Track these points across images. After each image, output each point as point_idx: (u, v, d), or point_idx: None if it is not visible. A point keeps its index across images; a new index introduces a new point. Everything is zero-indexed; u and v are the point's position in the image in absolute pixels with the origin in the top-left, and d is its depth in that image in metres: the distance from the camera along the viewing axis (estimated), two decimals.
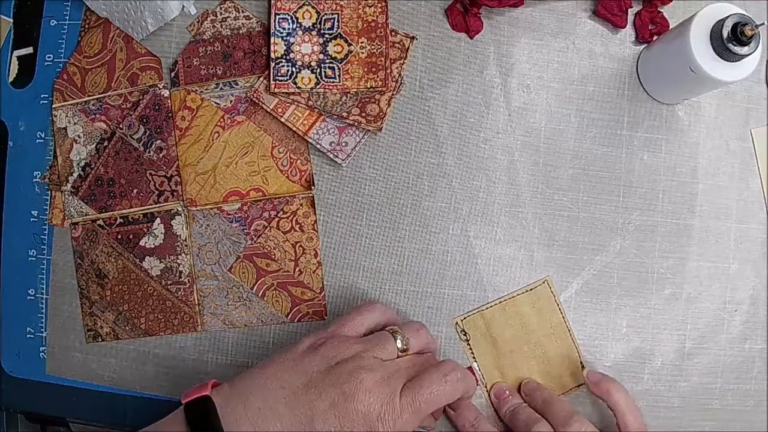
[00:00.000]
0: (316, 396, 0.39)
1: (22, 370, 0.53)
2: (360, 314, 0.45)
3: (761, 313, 0.52)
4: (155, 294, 0.52)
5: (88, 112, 0.52)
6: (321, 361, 0.40)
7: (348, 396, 0.39)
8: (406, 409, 0.40)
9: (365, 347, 0.42)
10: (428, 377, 0.41)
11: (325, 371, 0.40)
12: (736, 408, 0.52)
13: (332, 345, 0.42)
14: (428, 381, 0.41)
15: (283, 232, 0.51)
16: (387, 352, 0.42)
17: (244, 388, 0.40)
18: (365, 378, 0.39)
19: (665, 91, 0.52)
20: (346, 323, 0.44)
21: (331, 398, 0.39)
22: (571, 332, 0.51)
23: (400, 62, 0.51)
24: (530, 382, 0.50)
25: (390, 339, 0.43)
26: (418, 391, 0.41)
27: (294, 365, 0.41)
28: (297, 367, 0.41)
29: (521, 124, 0.52)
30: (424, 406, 0.41)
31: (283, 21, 0.51)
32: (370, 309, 0.46)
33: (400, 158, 0.52)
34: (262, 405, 0.39)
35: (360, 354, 0.41)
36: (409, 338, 0.44)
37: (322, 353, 0.41)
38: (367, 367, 0.40)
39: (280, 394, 0.39)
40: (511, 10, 0.52)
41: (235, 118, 0.52)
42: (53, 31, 0.53)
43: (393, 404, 0.40)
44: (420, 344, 0.45)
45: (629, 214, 0.52)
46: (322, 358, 0.41)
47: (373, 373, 0.40)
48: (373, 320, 0.45)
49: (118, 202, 0.52)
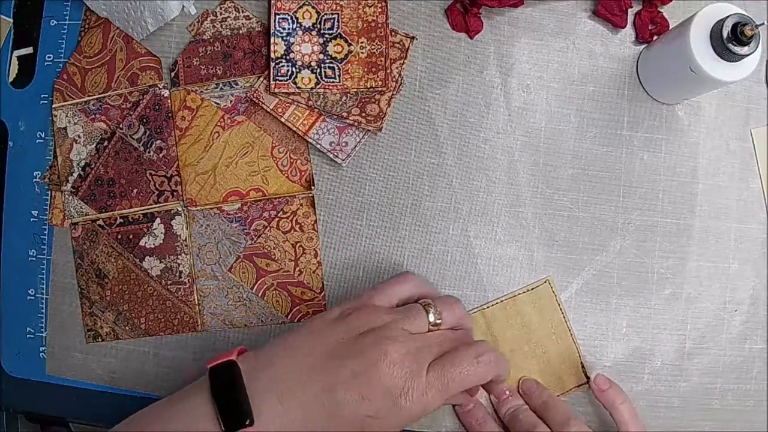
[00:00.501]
0: (339, 364, 0.38)
1: (22, 370, 0.53)
2: (393, 285, 0.44)
3: (761, 313, 0.52)
4: (155, 294, 0.52)
5: (88, 112, 0.52)
6: (348, 330, 0.40)
7: (371, 367, 0.38)
8: (432, 386, 0.39)
9: (395, 318, 0.41)
10: (459, 355, 0.40)
11: (350, 340, 0.39)
12: (736, 408, 0.52)
13: (361, 314, 0.41)
14: (459, 359, 0.40)
15: (283, 232, 0.51)
16: (417, 325, 0.41)
17: (269, 355, 0.40)
18: (390, 349, 0.38)
19: (665, 91, 0.52)
20: (378, 293, 0.43)
21: (354, 368, 0.38)
22: (571, 332, 0.51)
23: (400, 62, 0.51)
24: (528, 380, 0.49)
25: (421, 312, 0.42)
26: (447, 368, 0.39)
27: (321, 333, 0.40)
28: (323, 334, 0.40)
29: (521, 124, 0.52)
30: (452, 384, 0.39)
31: (283, 21, 0.51)
32: (404, 280, 0.44)
33: (400, 158, 0.52)
34: (285, 372, 0.38)
35: (388, 325, 0.40)
36: (441, 312, 0.42)
37: (349, 322, 0.40)
38: (394, 338, 0.39)
39: (304, 361, 0.39)
40: (511, 10, 0.52)
41: (235, 118, 0.52)
42: (53, 31, 0.53)
43: (418, 380, 0.38)
44: (453, 320, 0.43)
45: (629, 214, 0.52)
46: (349, 327, 0.40)
47: (399, 344, 0.39)
48: (406, 291, 0.44)
49: (118, 202, 0.52)
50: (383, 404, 0.38)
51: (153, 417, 0.40)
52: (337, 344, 0.39)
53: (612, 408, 0.46)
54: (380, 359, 0.38)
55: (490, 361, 0.41)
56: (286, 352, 0.40)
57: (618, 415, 0.46)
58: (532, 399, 0.48)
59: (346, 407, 0.38)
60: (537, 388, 0.49)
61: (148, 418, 0.40)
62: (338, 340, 0.39)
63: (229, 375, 0.38)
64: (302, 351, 0.39)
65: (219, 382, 0.38)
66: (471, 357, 0.40)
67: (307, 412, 0.38)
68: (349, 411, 0.38)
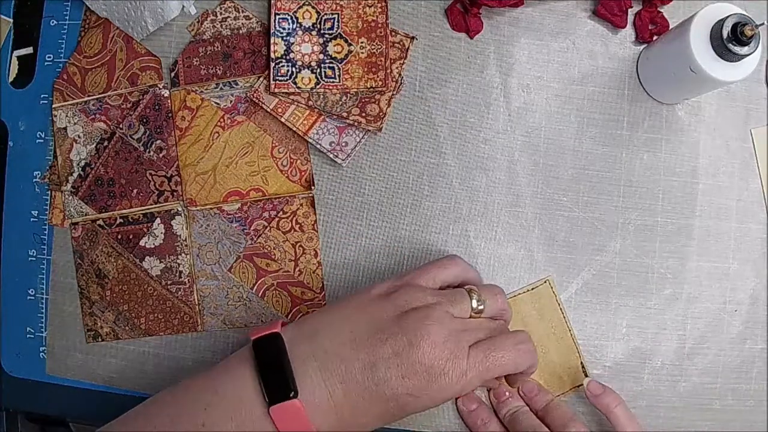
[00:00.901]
0: (381, 342, 0.39)
1: (22, 370, 0.53)
2: (438, 267, 0.44)
3: (761, 313, 0.52)
4: (155, 294, 0.52)
5: (88, 112, 0.52)
6: (391, 308, 0.40)
7: (413, 346, 0.38)
8: (472, 369, 0.40)
9: (438, 300, 0.41)
10: (501, 341, 0.41)
11: (393, 318, 0.39)
12: (736, 408, 0.52)
13: (405, 292, 0.41)
14: (500, 345, 0.41)
15: (283, 232, 0.51)
16: (460, 310, 0.41)
17: (313, 329, 0.40)
18: (433, 331, 0.39)
19: (665, 91, 0.52)
20: (423, 273, 0.43)
21: (396, 346, 0.38)
22: (571, 332, 0.51)
23: (400, 62, 0.51)
24: (529, 382, 0.49)
25: (466, 297, 0.42)
26: (488, 353, 0.40)
27: (364, 309, 0.41)
28: (367, 311, 0.40)
29: (521, 124, 0.52)
30: (492, 369, 0.40)
31: (283, 21, 0.51)
32: (450, 263, 0.44)
33: (400, 158, 0.52)
34: (329, 346, 0.39)
35: (432, 306, 0.40)
36: (485, 300, 0.43)
37: (393, 300, 0.40)
38: (437, 319, 0.39)
39: (347, 336, 0.39)
40: (511, 10, 0.52)
41: (235, 118, 0.52)
42: (53, 31, 0.53)
43: (459, 362, 0.39)
44: (495, 309, 0.44)
45: (629, 214, 0.52)
46: (393, 305, 0.40)
47: (441, 326, 0.39)
48: (450, 275, 0.44)
49: (118, 202, 0.52)
50: (422, 384, 0.39)
51: (196, 387, 0.40)
52: (381, 321, 0.39)
53: (608, 412, 0.46)
54: (422, 339, 0.38)
55: (529, 350, 0.42)
56: (329, 326, 0.40)
57: (614, 418, 0.46)
58: (533, 401, 0.48)
59: (386, 384, 0.38)
60: (538, 390, 0.49)
61: (191, 389, 0.40)
62: (382, 317, 0.40)
63: (275, 347, 0.39)
64: (346, 326, 0.40)
65: (263, 353, 0.39)
66: (512, 344, 0.41)
67: (347, 386, 0.38)
68: (388, 388, 0.38)
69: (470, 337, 0.41)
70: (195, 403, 0.39)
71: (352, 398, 0.39)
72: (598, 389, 0.47)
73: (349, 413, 0.39)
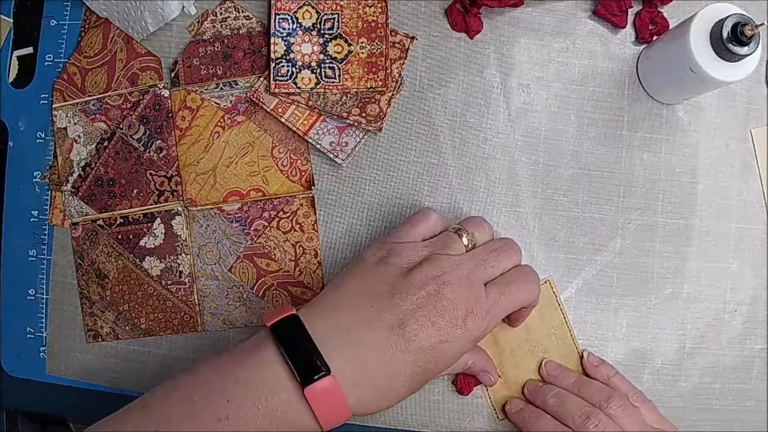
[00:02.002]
0: (401, 300, 0.39)
1: (22, 370, 0.53)
2: (415, 223, 0.44)
3: (761, 313, 0.52)
4: (155, 294, 0.52)
5: (88, 112, 0.52)
6: (396, 269, 0.40)
7: (434, 295, 0.39)
8: (494, 306, 0.41)
9: (433, 249, 0.42)
10: (512, 276, 0.42)
11: (401, 277, 0.40)
12: (736, 408, 0.52)
13: (399, 253, 0.41)
14: (515, 280, 0.42)
15: (283, 232, 0.51)
16: (456, 250, 0.42)
17: (328, 304, 0.40)
18: (446, 276, 0.40)
19: (665, 91, 0.52)
20: (402, 233, 0.44)
21: (417, 300, 0.39)
22: (571, 332, 0.51)
23: (400, 62, 0.51)
24: (551, 362, 0.50)
25: (456, 238, 0.43)
26: (503, 288, 0.41)
27: (371, 276, 0.41)
28: (375, 278, 0.41)
29: (521, 124, 0.52)
30: (511, 302, 0.42)
31: (283, 21, 0.51)
32: (425, 217, 0.45)
33: (400, 158, 0.52)
34: (349, 317, 0.39)
35: (432, 255, 0.41)
36: (473, 233, 0.44)
37: (393, 262, 0.41)
38: (443, 265, 0.40)
39: (366, 303, 0.39)
40: (511, 10, 0.52)
41: (235, 118, 0.52)
42: (53, 31, 0.53)
43: (481, 300, 0.40)
44: (486, 238, 0.45)
45: (629, 214, 0.52)
46: (395, 267, 0.41)
47: (453, 270, 0.40)
48: (429, 228, 0.44)
49: (118, 202, 0.52)
50: (452, 328, 0.39)
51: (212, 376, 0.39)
52: (391, 282, 0.40)
53: (607, 382, 0.48)
54: (441, 286, 0.39)
55: (536, 281, 0.44)
56: (344, 297, 0.40)
57: (613, 386, 0.48)
58: (559, 380, 0.49)
59: (419, 337, 0.39)
60: (560, 369, 0.50)
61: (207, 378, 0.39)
62: (390, 278, 0.40)
63: (296, 328, 0.38)
64: (358, 295, 0.40)
65: (285, 335, 0.38)
66: (522, 277, 0.43)
67: (380, 351, 0.38)
68: (422, 340, 0.39)
69: (484, 272, 0.41)
70: (212, 394, 0.38)
71: (386, 362, 0.38)
72: (597, 361, 0.50)
73: (385, 380, 0.39)
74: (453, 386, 0.50)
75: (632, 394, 0.47)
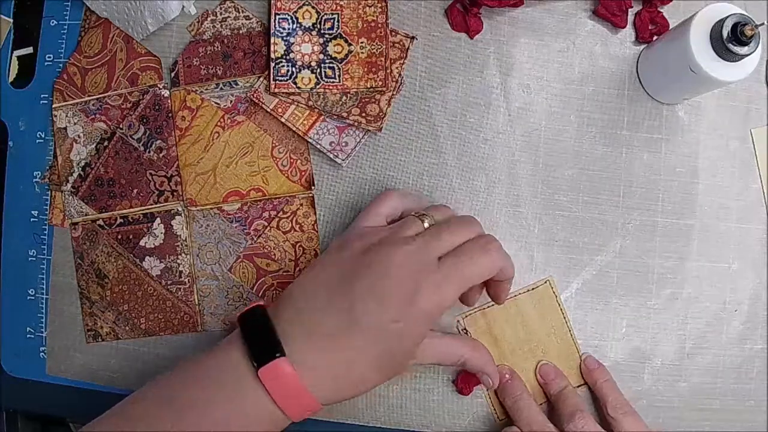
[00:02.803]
0: (350, 283, 0.39)
1: (22, 370, 0.53)
2: (375, 205, 0.45)
3: (761, 313, 0.52)
4: (155, 294, 0.52)
5: (88, 112, 0.52)
6: (349, 253, 0.41)
7: (380, 275, 0.39)
8: (446, 278, 0.39)
9: (392, 231, 0.42)
10: (468, 246, 0.41)
11: (356, 258, 0.40)
12: (736, 408, 0.52)
13: (357, 236, 0.42)
14: (468, 250, 0.41)
15: (283, 232, 0.51)
16: (414, 232, 0.42)
17: (291, 294, 0.41)
18: (393, 253, 0.39)
19: (665, 91, 0.52)
20: (365, 216, 0.44)
21: (366, 282, 0.39)
22: (571, 333, 0.51)
23: (400, 62, 0.51)
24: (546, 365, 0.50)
25: (416, 220, 0.43)
26: (456, 259, 0.40)
27: (330, 264, 0.41)
28: (332, 264, 0.41)
29: (521, 124, 0.52)
30: (467, 275, 0.40)
31: (283, 21, 0.51)
32: (386, 197, 0.45)
33: (400, 158, 0.52)
34: (304, 305, 0.40)
35: (388, 236, 0.41)
36: (434, 216, 0.43)
37: (350, 246, 0.41)
38: (395, 242, 0.40)
39: (320, 289, 0.40)
40: (511, 10, 0.52)
41: (235, 118, 0.52)
42: (53, 31, 0.53)
43: (430, 275, 0.39)
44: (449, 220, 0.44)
45: (629, 214, 0.52)
46: (352, 250, 0.41)
47: (402, 248, 0.39)
48: (390, 207, 0.45)
49: (118, 202, 0.52)
50: (401, 306, 0.38)
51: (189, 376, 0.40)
52: (344, 267, 0.40)
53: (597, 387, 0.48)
54: (387, 265, 0.39)
55: (498, 249, 0.42)
56: (304, 286, 0.41)
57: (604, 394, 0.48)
58: (549, 386, 0.49)
59: (368, 319, 0.38)
60: (555, 375, 0.49)
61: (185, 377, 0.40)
62: (345, 263, 0.40)
63: (260, 316, 0.39)
64: (314, 282, 0.41)
65: (248, 325, 0.39)
66: (479, 246, 0.41)
67: (335, 337, 0.38)
68: (372, 321, 0.38)
69: (435, 250, 0.40)
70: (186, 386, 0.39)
71: (343, 348, 0.38)
72: (594, 363, 0.50)
73: (345, 366, 0.39)
74: (453, 386, 0.50)
75: (618, 405, 0.47)
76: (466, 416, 0.51)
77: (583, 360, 0.50)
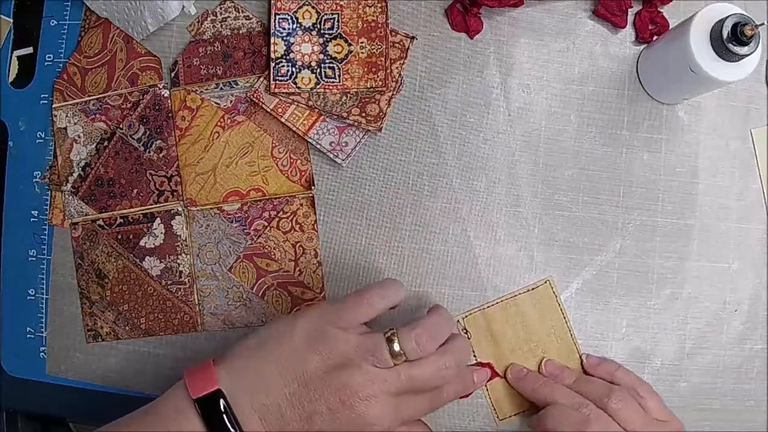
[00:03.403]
0: (316, 397, 0.39)
1: (22, 370, 0.53)
2: (356, 304, 0.43)
3: (761, 313, 0.52)
4: (155, 294, 0.52)
5: (88, 112, 0.52)
6: (319, 361, 0.40)
7: (346, 406, 0.39)
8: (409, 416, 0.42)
9: (361, 350, 0.41)
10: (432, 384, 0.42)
11: (322, 375, 0.40)
12: (736, 408, 0.52)
13: (328, 343, 0.41)
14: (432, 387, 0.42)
15: (283, 232, 0.51)
16: (381, 360, 0.41)
17: (249, 380, 0.40)
18: (362, 391, 0.39)
19: (665, 91, 0.52)
20: (342, 315, 0.42)
21: (330, 404, 0.39)
22: (571, 333, 0.51)
23: (400, 62, 0.51)
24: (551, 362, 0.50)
25: (383, 345, 0.41)
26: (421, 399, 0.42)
27: (294, 360, 0.40)
28: (297, 363, 0.40)
29: (521, 124, 0.52)
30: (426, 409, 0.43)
31: (283, 21, 0.51)
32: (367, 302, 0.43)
33: (400, 158, 0.52)
34: (266, 401, 0.40)
35: (354, 361, 0.40)
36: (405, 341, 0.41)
37: (319, 351, 0.40)
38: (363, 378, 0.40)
39: (283, 390, 0.40)
40: (511, 10, 0.52)
41: (235, 118, 0.52)
42: (53, 31, 0.53)
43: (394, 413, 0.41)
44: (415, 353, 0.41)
45: (629, 214, 0.52)
46: (320, 358, 0.40)
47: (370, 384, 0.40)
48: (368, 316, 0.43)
49: (118, 202, 0.52)
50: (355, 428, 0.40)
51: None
52: (310, 377, 0.40)
53: (612, 377, 0.48)
54: (353, 400, 0.39)
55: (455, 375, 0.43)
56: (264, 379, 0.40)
57: (618, 380, 0.48)
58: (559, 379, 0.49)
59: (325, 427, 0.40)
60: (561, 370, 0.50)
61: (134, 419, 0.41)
62: (310, 371, 0.40)
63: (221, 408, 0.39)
64: (279, 380, 0.40)
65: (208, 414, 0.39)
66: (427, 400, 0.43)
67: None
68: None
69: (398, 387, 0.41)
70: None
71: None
72: (596, 360, 0.50)
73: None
74: None
75: (639, 387, 0.47)
76: (466, 416, 0.51)
77: (585, 360, 0.50)
